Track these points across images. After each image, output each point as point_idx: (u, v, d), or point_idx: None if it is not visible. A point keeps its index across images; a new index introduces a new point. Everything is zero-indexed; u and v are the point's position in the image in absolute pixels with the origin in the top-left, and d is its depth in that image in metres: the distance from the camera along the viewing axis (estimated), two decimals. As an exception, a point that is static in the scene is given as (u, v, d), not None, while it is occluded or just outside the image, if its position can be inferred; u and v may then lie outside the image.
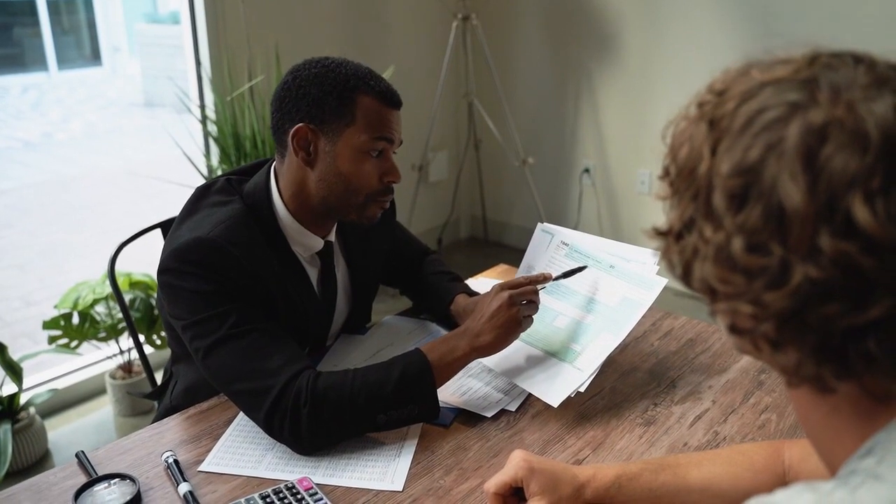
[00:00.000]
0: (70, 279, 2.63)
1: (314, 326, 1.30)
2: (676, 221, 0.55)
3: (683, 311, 1.49)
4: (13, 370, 2.15)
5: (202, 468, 1.04)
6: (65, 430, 2.48)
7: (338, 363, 1.31)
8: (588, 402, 1.19)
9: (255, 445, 1.09)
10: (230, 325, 1.09)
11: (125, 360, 2.54)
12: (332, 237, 1.30)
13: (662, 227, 0.57)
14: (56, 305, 2.38)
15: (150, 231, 1.53)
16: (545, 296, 1.29)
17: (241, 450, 1.08)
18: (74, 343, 2.38)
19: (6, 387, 2.19)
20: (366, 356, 1.33)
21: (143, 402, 2.52)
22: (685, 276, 0.55)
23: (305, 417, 1.04)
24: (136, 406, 2.53)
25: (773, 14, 2.81)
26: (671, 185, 0.56)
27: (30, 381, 2.51)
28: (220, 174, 1.31)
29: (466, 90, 3.51)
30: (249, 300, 1.12)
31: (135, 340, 1.56)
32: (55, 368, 2.69)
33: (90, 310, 2.37)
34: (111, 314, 2.41)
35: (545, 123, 3.64)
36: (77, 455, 1.07)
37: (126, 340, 2.48)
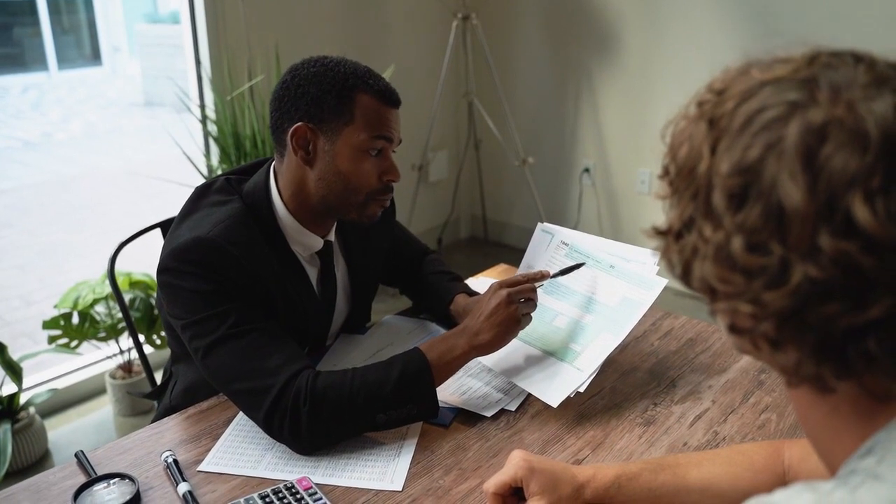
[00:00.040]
0: (70, 279, 2.63)
1: (314, 326, 1.30)
2: (676, 221, 0.55)
3: (683, 311, 1.49)
4: (13, 370, 2.14)
5: (201, 468, 1.04)
6: (65, 430, 2.48)
7: (337, 363, 1.31)
8: (588, 402, 1.19)
9: (255, 445, 1.09)
10: (229, 325, 1.08)
11: (125, 360, 2.54)
12: (332, 236, 1.30)
13: (662, 227, 0.57)
14: (56, 305, 2.38)
15: (150, 231, 1.53)
16: (545, 296, 1.29)
17: (241, 450, 1.08)
18: (74, 343, 2.38)
19: (6, 386, 2.19)
20: (365, 356, 1.33)
21: (143, 402, 2.52)
22: (685, 276, 0.55)
23: (305, 417, 1.04)
24: (136, 406, 2.53)
25: (773, 14, 2.81)
26: (671, 185, 0.56)
27: (30, 381, 2.51)
28: (220, 174, 1.31)
29: (466, 90, 3.50)
30: (249, 300, 1.12)
31: (134, 340, 1.56)
32: (55, 368, 2.69)
33: (90, 309, 2.37)
34: (111, 314, 2.41)
35: (545, 123, 3.64)
36: (76, 455, 1.06)
37: (126, 340, 2.48)
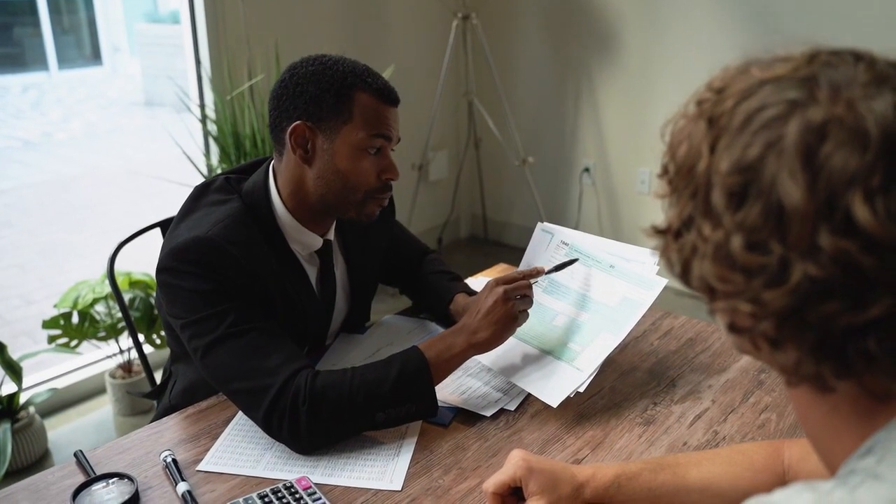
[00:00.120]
0: (70, 279, 2.63)
1: (313, 325, 1.30)
2: (675, 219, 0.55)
3: (683, 311, 1.49)
4: (13, 369, 2.14)
5: (200, 468, 1.04)
6: (64, 430, 2.48)
7: (337, 362, 1.31)
8: (587, 402, 1.19)
9: (254, 445, 1.09)
10: (229, 324, 1.08)
11: (125, 360, 2.53)
12: (331, 236, 1.30)
13: (661, 226, 0.57)
14: (56, 305, 2.38)
15: (150, 230, 1.52)
16: (545, 295, 1.29)
17: (240, 449, 1.08)
18: (74, 342, 2.38)
19: (6, 386, 2.19)
20: (365, 355, 1.33)
21: (143, 402, 2.52)
22: (684, 275, 0.55)
23: (304, 416, 1.04)
24: (136, 405, 2.53)
25: (774, 13, 2.80)
26: (670, 184, 0.56)
27: (29, 381, 2.51)
28: (219, 173, 1.31)
29: (466, 89, 3.50)
30: (248, 299, 1.12)
31: (134, 340, 1.56)
32: (55, 368, 2.69)
33: (90, 309, 2.36)
34: (111, 313, 2.41)
35: (545, 123, 3.64)
36: (75, 454, 1.06)
37: (126, 340, 2.48)
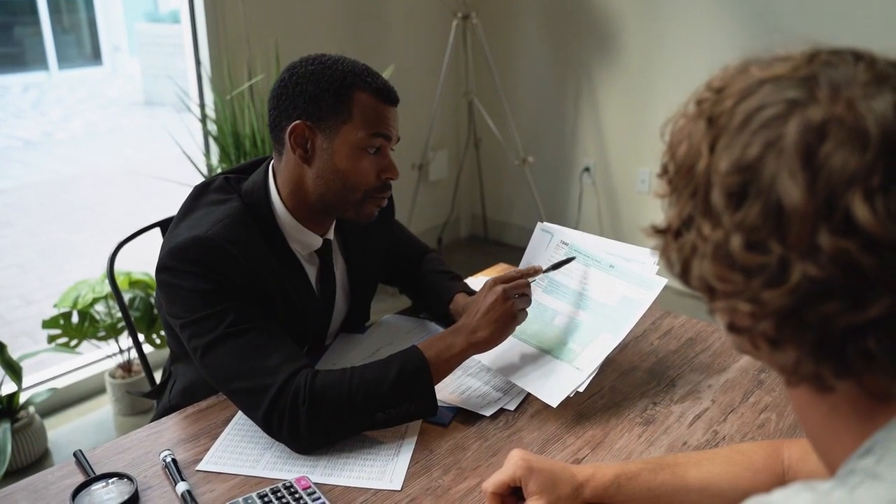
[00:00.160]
0: (70, 278, 2.63)
1: (313, 325, 1.30)
2: (675, 219, 0.55)
3: (683, 311, 1.49)
4: (13, 369, 2.14)
5: (200, 467, 1.04)
6: (64, 430, 2.48)
7: (337, 362, 1.31)
8: (587, 402, 1.19)
9: (254, 444, 1.09)
10: (228, 324, 1.08)
11: (125, 360, 2.54)
12: (331, 235, 1.30)
13: (661, 225, 0.57)
14: (55, 304, 2.38)
15: (150, 230, 1.52)
16: (545, 295, 1.29)
17: (240, 449, 1.08)
18: (74, 342, 2.38)
19: (6, 386, 2.19)
20: (365, 355, 1.32)
21: (143, 402, 2.52)
22: (683, 274, 0.55)
23: (304, 416, 1.04)
24: (136, 405, 2.53)
25: (774, 13, 2.80)
26: (669, 183, 0.56)
27: (29, 381, 2.51)
28: (219, 172, 1.31)
29: (466, 89, 3.50)
30: (247, 299, 1.12)
31: (134, 340, 1.56)
32: (55, 367, 2.68)
33: (90, 309, 2.36)
34: (111, 313, 2.41)
35: (545, 122, 3.64)
36: (75, 454, 1.06)
37: (126, 339, 2.48)
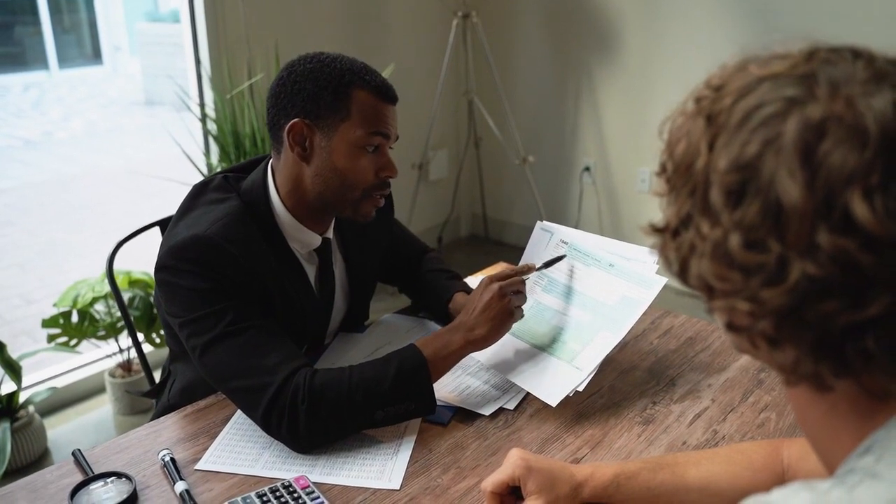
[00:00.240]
0: (70, 278, 2.63)
1: (312, 324, 1.29)
2: (673, 218, 0.55)
3: (683, 310, 1.49)
4: (12, 368, 2.14)
5: (199, 466, 1.04)
6: (64, 429, 2.48)
7: (336, 361, 1.31)
8: (587, 401, 1.19)
9: (252, 444, 1.09)
10: (227, 323, 1.08)
11: (124, 359, 2.53)
12: (330, 234, 1.29)
13: (659, 224, 0.56)
14: (55, 304, 2.38)
15: (149, 229, 1.52)
16: (544, 294, 1.29)
17: (238, 448, 1.08)
18: (74, 341, 2.38)
19: (5, 385, 2.18)
20: (364, 354, 1.32)
21: (143, 401, 2.51)
22: (682, 273, 0.55)
23: (303, 415, 1.04)
24: (136, 404, 2.53)
25: (774, 12, 2.80)
26: (668, 182, 0.56)
27: (29, 380, 2.51)
28: (218, 171, 1.31)
29: (466, 88, 3.50)
30: (246, 298, 1.11)
31: (133, 339, 1.55)
32: (54, 367, 2.69)
33: (89, 308, 2.36)
34: (110, 312, 2.41)
35: (545, 122, 3.63)
36: (73, 453, 1.06)
37: (125, 339, 2.48)
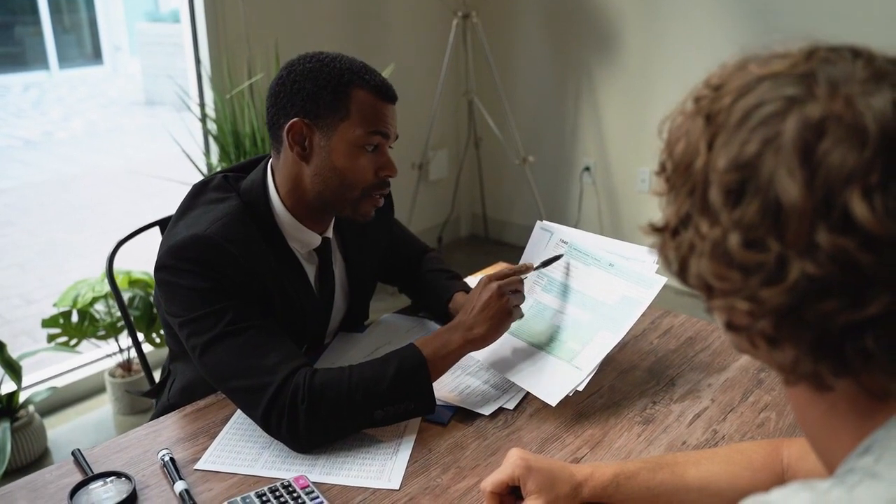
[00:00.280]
0: (70, 278, 2.64)
1: (311, 324, 1.29)
2: (672, 217, 0.54)
3: (683, 309, 1.49)
4: (12, 368, 2.14)
5: (198, 466, 1.04)
6: (64, 429, 2.48)
7: (336, 361, 1.31)
8: (586, 401, 1.19)
9: (252, 443, 1.09)
10: (227, 323, 1.08)
11: (125, 359, 2.53)
12: (330, 234, 1.29)
13: (658, 223, 0.56)
14: (55, 303, 2.38)
15: (149, 229, 1.52)
16: (544, 294, 1.29)
17: (238, 448, 1.08)
18: (74, 341, 2.38)
19: (5, 385, 2.19)
20: (364, 354, 1.32)
21: (143, 401, 2.51)
22: (681, 273, 0.55)
23: (303, 414, 1.04)
24: (136, 404, 2.53)
25: (774, 12, 2.80)
26: (667, 181, 0.56)
27: (29, 380, 2.51)
28: (218, 171, 1.31)
29: (466, 88, 3.50)
30: (246, 297, 1.11)
31: (133, 339, 1.55)
32: (54, 367, 2.69)
33: (89, 308, 2.36)
34: (110, 312, 2.41)
35: (545, 122, 3.63)
36: (73, 453, 1.06)
37: (125, 339, 2.48)
